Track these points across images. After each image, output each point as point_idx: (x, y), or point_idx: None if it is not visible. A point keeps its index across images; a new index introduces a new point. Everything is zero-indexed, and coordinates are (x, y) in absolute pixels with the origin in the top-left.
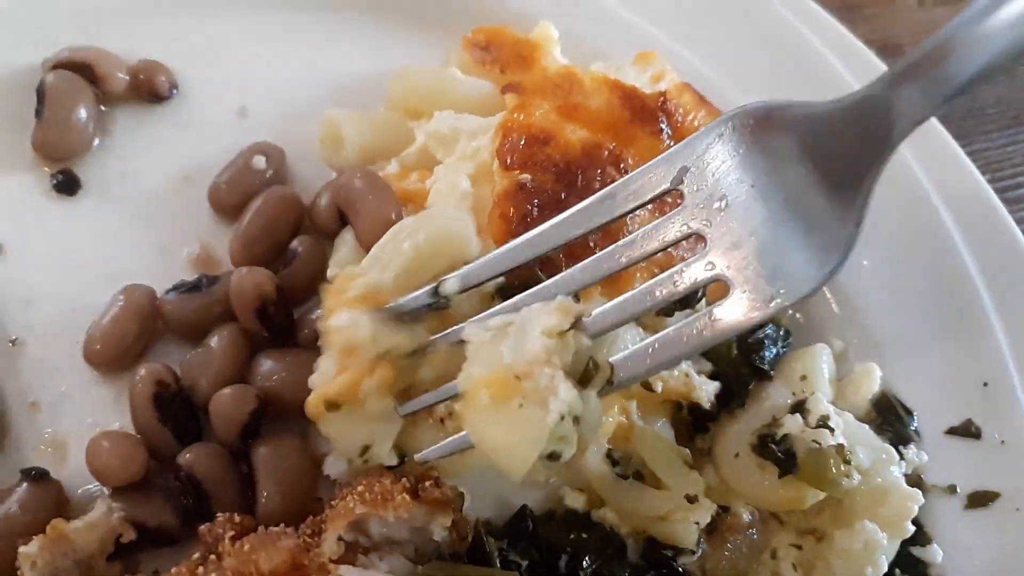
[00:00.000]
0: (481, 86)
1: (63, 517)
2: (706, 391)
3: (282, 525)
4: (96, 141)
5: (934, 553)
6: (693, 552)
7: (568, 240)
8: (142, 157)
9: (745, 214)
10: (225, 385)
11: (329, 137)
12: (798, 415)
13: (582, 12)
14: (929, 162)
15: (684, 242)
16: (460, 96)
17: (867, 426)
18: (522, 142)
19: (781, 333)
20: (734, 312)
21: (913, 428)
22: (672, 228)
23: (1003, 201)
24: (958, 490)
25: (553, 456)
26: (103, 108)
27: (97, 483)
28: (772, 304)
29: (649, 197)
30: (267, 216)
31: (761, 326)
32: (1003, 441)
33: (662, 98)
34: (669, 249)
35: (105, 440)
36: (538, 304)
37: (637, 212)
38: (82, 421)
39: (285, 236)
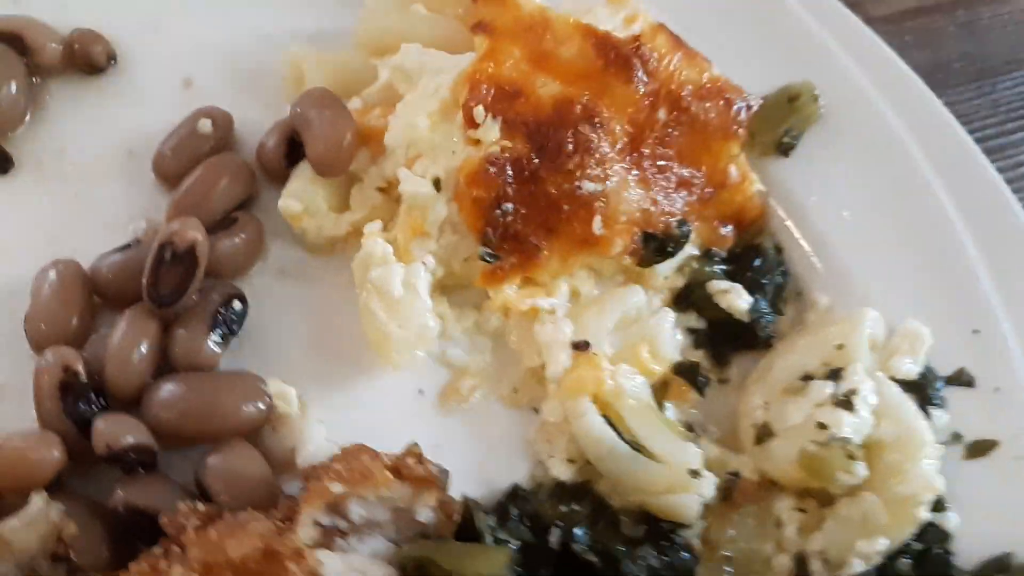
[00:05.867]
0: (447, 25)
1: None
2: (745, 300)
3: (250, 509)
4: (28, 116)
5: (950, 519)
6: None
7: None
8: (80, 132)
9: None
10: (128, 373)
11: (291, 75)
12: (830, 383)
13: None
14: (907, 112)
15: None
16: (426, 35)
17: (909, 398)
18: (490, 96)
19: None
20: None
21: (938, 391)
22: None
23: None
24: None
25: None
26: (35, 80)
27: None
28: None
29: None
30: (209, 181)
31: None
32: (997, 388)
33: (636, 43)
34: None
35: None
36: None
37: None
38: (24, 413)
39: (227, 204)
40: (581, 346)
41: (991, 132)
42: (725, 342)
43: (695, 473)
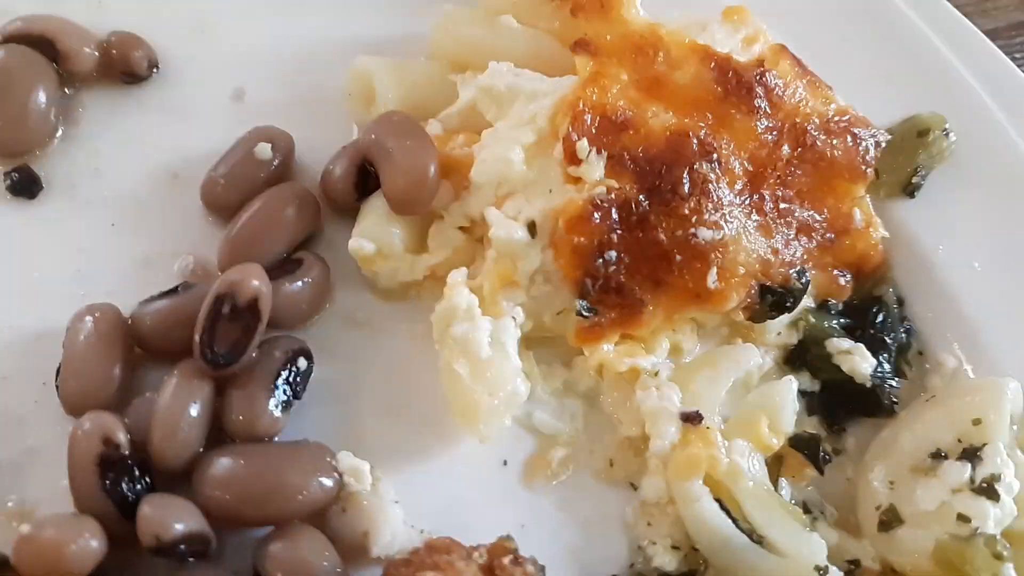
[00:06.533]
0: (540, 41)
1: None
2: (868, 363)
3: None
4: (59, 131)
5: None
6: None
7: None
8: (117, 150)
9: None
10: (177, 445)
11: (359, 90)
12: (967, 464)
13: None
14: None
15: None
16: (515, 50)
17: None
18: (594, 128)
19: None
20: None
21: None
22: None
23: None
24: None
25: None
26: (67, 91)
27: None
28: None
29: None
30: (269, 216)
31: None
32: None
33: (760, 68)
34: None
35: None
36: None
37: None
38: (56, 483)
39: (290, 243)
40: (693, 418)
41: None
42: (842, 407)
43: (822, 570)
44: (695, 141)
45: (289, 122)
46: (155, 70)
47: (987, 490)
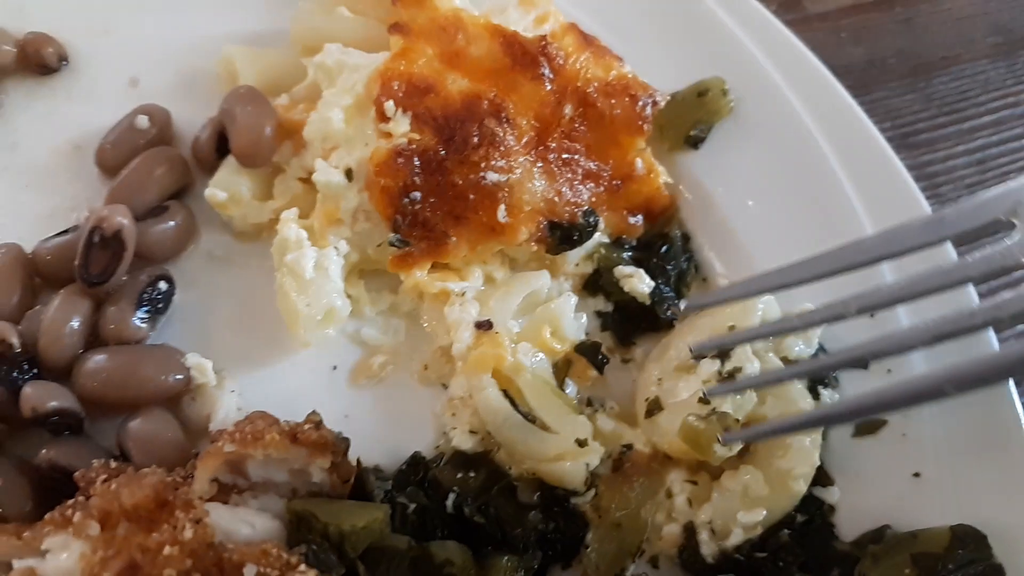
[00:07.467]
0: (370, 26)
1: None
2: (647, 284)
3: (154, 466)
4: None
5: (833, 494)
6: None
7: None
8: (32, 128)
9: None
10: (59, 346)
11: (225, 73)
12: (718, 361)
13: None
14: (815, 106)
15: None
16: (351, 35)
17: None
18: (401, 92)
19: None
20: None
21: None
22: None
23: (902, 147)
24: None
25: None
26: None
27: None
28: None
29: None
30: (143, 171)
31: None
32: (889, 370)
33: (543, 42)
34: None
35: None
36: None
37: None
38: None
39: (161, 193)
40: (484, 325)
41: (922, 126)
42: (630, 324)
43: (582, 442)
44: (486, 102)
45: (174, 102)
46: (64, 63)
47: (728, 380)
